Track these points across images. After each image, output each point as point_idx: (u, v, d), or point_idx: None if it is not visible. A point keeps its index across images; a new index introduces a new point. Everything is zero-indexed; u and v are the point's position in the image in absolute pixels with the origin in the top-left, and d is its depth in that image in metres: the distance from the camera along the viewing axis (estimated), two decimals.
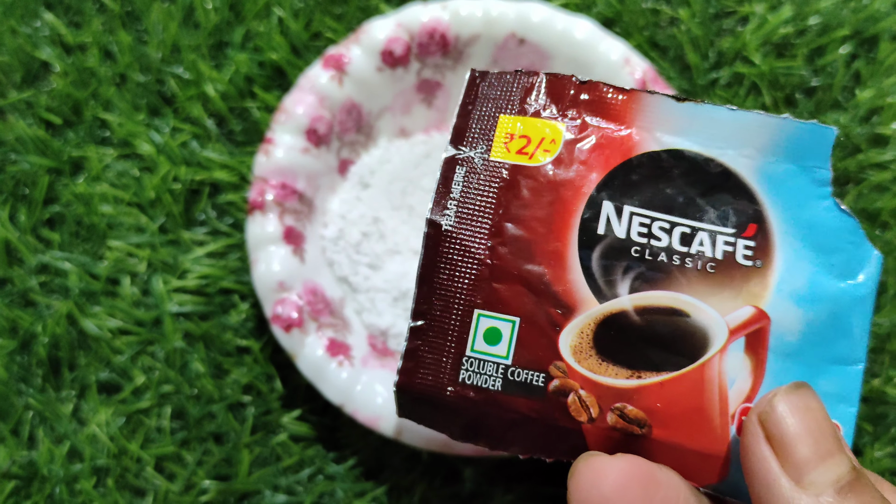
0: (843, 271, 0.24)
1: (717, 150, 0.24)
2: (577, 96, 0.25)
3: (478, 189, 0.25)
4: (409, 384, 0.25)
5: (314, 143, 0.40)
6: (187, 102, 0.45)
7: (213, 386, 0.41)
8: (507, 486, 0.40)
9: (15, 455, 0.41)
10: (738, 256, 0.24)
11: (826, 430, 0.21)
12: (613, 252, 0.24)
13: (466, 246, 0.25)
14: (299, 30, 0.46)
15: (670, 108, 0.25)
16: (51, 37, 0.47)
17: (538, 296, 0.24)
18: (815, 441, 0.21)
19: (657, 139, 0.25)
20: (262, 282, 0.38)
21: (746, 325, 0.23)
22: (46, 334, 0.42)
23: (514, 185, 0.25)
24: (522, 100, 0.26)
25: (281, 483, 0.40)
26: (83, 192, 0.44)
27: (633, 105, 0.25)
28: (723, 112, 0.24)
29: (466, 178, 0.25)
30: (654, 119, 0.25)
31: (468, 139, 0.26)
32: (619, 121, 0.25)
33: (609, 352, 0.24)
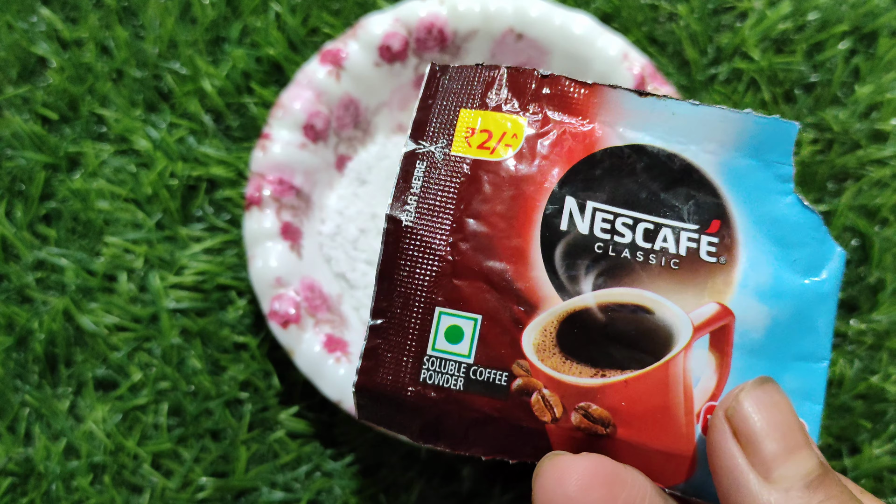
0: (806, 268, 0.23)
1: (679, 146, 0.24)
2: (538, 90, 0.25)
3: (438, 184, 0.25)
4: (369, 384, 0.24)
5: (311, 139, 0.40)
6: (184, 98, 0.45)
7: (211, 382, 0.41)
8: (506, 485, 0.40)
9: (11, 452, 0.41)
10: (702, 253, 0.23)
11: (793, 426, 0.21)
12: (576, 248, 0.24)
13: (427, 242, 0.24)
14: (297, 25, 0.45)
15: (632, 102, 0.24)
16: (47, 32, 0.47)
17: (500, 293, 0.24)
18: (782, 436, 0.20)
19: (619, 134, 0.24)
20: (259, 278, 0.38)
21: (711, 322, 0.23)
22: (43, 331, 0.42)
23: (476, 180, 0.24)
24: (483, 94, 0.25)
25: (278, 480, 0.40)
26: (80, 188, 0.44)
27: (595, 100, 0.25)
28: (685, 107, 0.24)
29: (427, 173, 0.25)
30: (616, 114, 0.25)
31: (428, 133, 0.25)
32: (582, 115, 0.25)
33: (573, 350, 0.24)
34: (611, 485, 0.21)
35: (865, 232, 0.43)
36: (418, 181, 0.25)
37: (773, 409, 0.21)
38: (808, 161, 0.44)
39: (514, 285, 0.24)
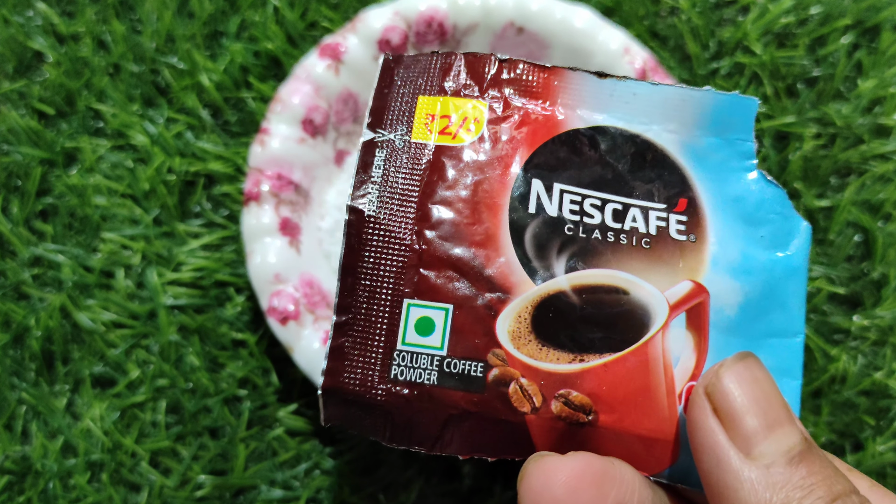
0: (773, 242, 0.23)
1: (641, 126, 0.24)
2: (498, 75, 0.25)
3: (400, 172, 0.24)
4: (336, 385, 0.23)
5: (310, 134, 0.40)
6: (182, 93, 0.45)
7: (209, 380, 0.41)
8: (507, 483, 0.39)
9: (8, 450, 0.40)
10: (672, 231, 0.23)
11: (774, 401, 0.21)
12: (546, 231, 0.23)
13: (391, 231, 0.24)
14: (295, 19, 0.45)
15: (592, 85, 0.24)
16: (43, 26, 0.46)
17: (471, 280, 0.23)
18: (762, 412, 0.20)
19: (581, 116, 0.24)
20: (257, 274, 0.38)
21: (686, 299, 0.23)
22: (39, 328, 0.41)
23: (439, 167, 0.24)
24: (442, 80, 0.25)
25: (277, 478, 0.40)
26: (76, 183, 0.43)
27: (556, 83, 0.25)
28: (645, 87, 0.24)
29: (387, 161, 0.24)
30: (576, 96, 0.24)
31: (387, 122, 0.25)
32: (543, 98, 0.25)
33: (549, 335, 0.23)
34: (599, 484, 0.20)
35: (869, 227, 0.42)
36: (378, 169, 0.24)
37: (754, 385, 0.21)
38: (810, 156, 0.43)
39: (484, 272, 0.23)
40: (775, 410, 0.20)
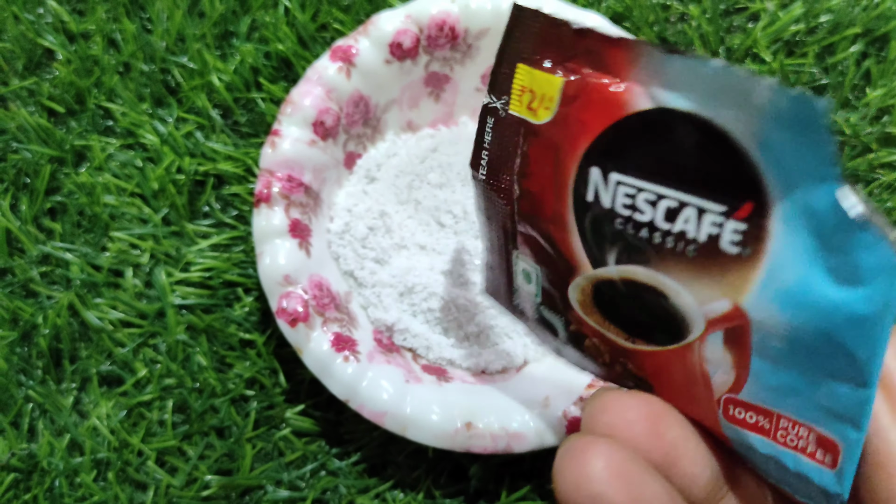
0: (844, 278, 0.18)
1: (713, 111, 0.19)
2: (574, 45, 0.23)
3: (502, 141, 0.25)
4: (488, 291, 0.32)
5: (321, 136, 0.40)
6: (192, 93, 0.45)
7: (216, 379, 0.41)
8: (514, 484, 0.40)
9: (14, 447, 0.40)
10: (724, 242, 0.20)
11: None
12: (600, 221, 0.22)
13: (497, 196, 0.26)
14: (306, 21, 0.45)
15: (660, 60, 0.20)
16: (54, 24, 0.46)
17: (552, 249, 0.25)
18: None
19: (649, 95, 0.21)
20: (267, 275, 0.38)
21: (722, 320, 0.21)
22: (47, 325, 0.41)
23: (526, 142, 0.24)
24: (534, 48, 0.24)
25: (283, 478, 0.40)
26: (86, 182, 0.43)
27: (628, 57, 0.21)
28: (716, 66, 0.19)
29: (494, 128, 0.25)
30: (648, 73, 0.21)
31: (496, 87, 0.25)
32: (614, 74, 0.22)
33: (607, 313, 0.24)
34: (657, 420, 0.21)
35: None
36: (489, 136, 0.25)
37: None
38: None
39: (558, 246, 0.24)
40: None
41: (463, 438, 0.36)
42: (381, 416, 0.36)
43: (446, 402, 0.37)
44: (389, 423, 0.36)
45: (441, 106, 0.44)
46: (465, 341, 0.41)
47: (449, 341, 0.41)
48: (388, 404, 0.36)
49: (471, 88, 0.44)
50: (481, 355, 0.40)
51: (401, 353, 0.40)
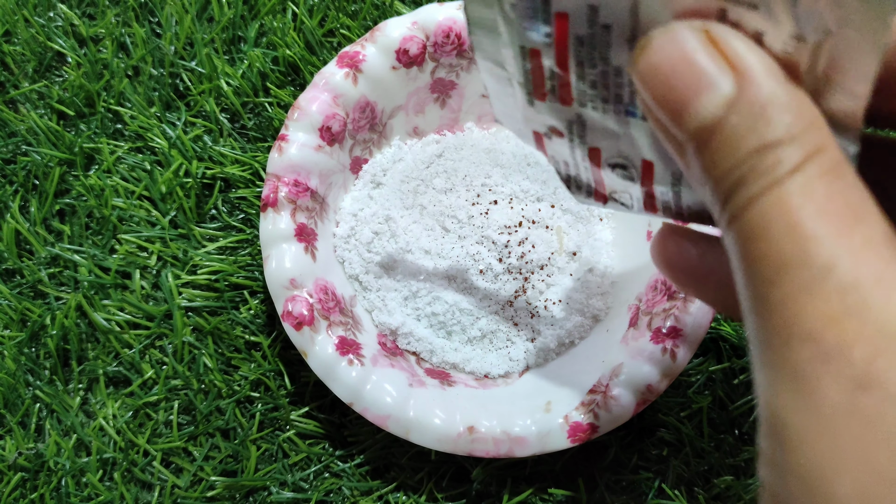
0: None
1: None
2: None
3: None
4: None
5: (328, 141, 0.40)
6: (200, 97, 0.45)
7: (222, 381, 0.41)
8: (516, 488, 0.40)
9: (22, 447, 0.41)
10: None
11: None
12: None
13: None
14: (314, 26, 0.46)
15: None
16: (64, 28, 0.47)
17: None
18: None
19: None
20: (273, 279, 0.38)
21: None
22: (55, 326, 0.42)
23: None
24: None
25: (288, 480, 0.40)
26: (95, 184, 0.44)
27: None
28: None
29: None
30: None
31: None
32: None
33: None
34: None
35: None
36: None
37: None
38: None
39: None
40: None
41: (465, 442, 0.36)
42: (384, 419, 0.37)
43: (449, 406, 0.37)
44: (393, 427, 0.37)
45: (447, 112, 0.44)
46: (468, 345, 0.41)
47: (452, 345, 0.41)
48: (392, 407, 0.37)
49: (476, 95, 0.44)
50: (484, 360, 0.41)
51: (405, 356, 0.41)
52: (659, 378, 0.36)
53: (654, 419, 0.41)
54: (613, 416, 0.36)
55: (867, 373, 0.15)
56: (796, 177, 0.17)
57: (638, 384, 0.36)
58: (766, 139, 0.17)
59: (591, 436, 0.36)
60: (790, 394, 0.16)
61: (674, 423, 0.40)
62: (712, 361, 0.41)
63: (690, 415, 0.40)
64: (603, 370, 0.37)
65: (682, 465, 0.40)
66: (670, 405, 0.41)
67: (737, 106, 0.17)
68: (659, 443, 0.41)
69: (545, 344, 0.41)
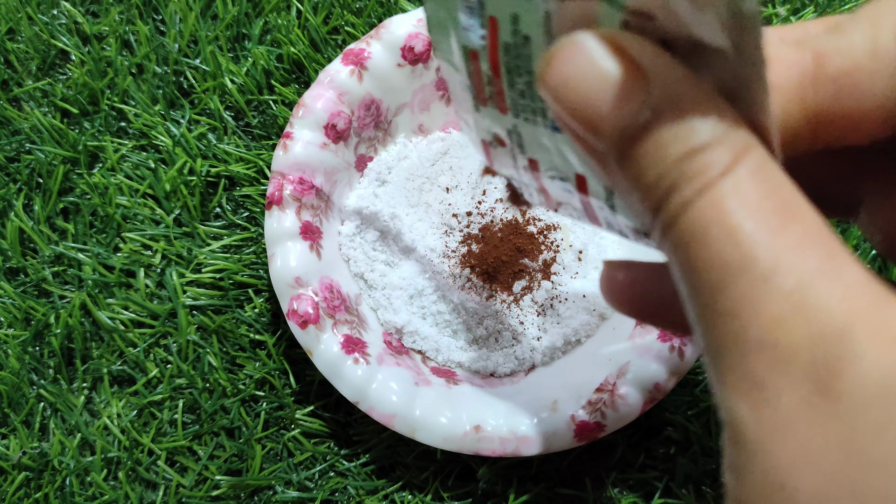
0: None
1: None
2: None
3: None
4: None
5: (333, 139, 0.40)
6: (205, 95, 0.45)
7: (227, 380, 0.41)
8: (522, 487, 0.40)
9: (26, 446, 0.41)
10: None
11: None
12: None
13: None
14: (318, 24, 0.45)
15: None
16: (68, 25, 0.47)
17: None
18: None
19: None
20: (278, 277, 0.38)
21: None
22: (60, 325, 0.42)
23: None
24: None
25: (293, 479, 0.40)
26: (99, 182, 0.44)
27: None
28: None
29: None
30: None
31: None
32: None
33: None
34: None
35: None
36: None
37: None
38: None
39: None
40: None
41: (472, 441, 0.36)
42: (390, 418, 0.37)
43: (455, 405, 0.37)
44: (399, 426, 0.37)
45: (452, 109, 0.44)
46: (473, 344, 0.41)
47: (458, 344, 0.41)
48: (398, 406, 0.37)
49: None
50: (490, 358, 0.41)
51: (410, 355, 0.40)
52: (667, 376, 0.36)
53: (662, 418, 0.40)
54: (620, 415, 0.36)
55: (818, 374, 0.15)
56: (727, 179, 0.16)
57: (645, 382, 0.36)
58: (691, 143, 0.17)
59: (597, 435, 0.36)
60: (746, 400, 0.16)
61: (681, 421, 0.40)
62: None
63: (698, 413, 0.40)
64: (610, 368, 0.37)
65: (689, 464, 0.40)
66: (678, 403, 0.40)
67: (656, 114, 0.17)
68: (666, 441, 0.40)
69: (551, 342, 0.41)
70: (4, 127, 0.45)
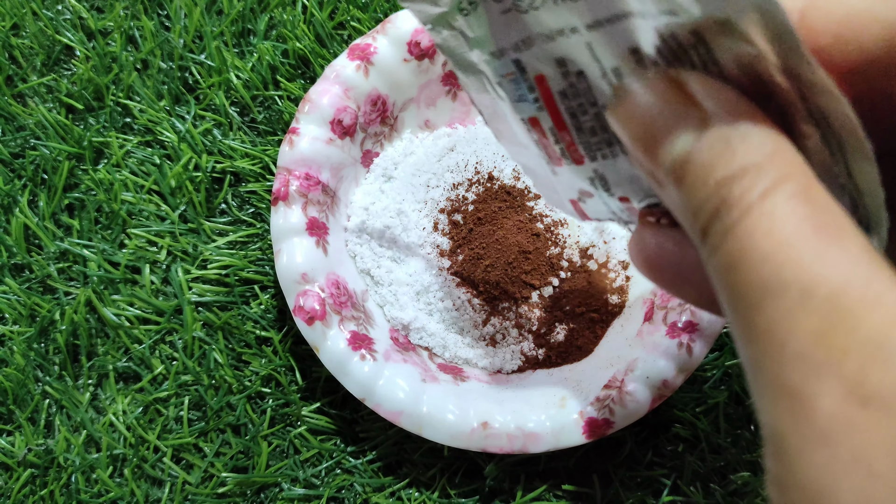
0: None
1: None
2: None
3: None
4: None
5: (339, 134, 0.40)
6: (210, 90, 0.45)
7: (233, 377, 0.41)
8: (529, 484, 0.39)
9: (31, 443, 0.40)
10: None
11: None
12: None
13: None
14: (324, 19, 0.45)
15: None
16: (72, 21, 0.46)
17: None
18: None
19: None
20: (284, 273, 0.38)
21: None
22: (65, 322, 0.41)
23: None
24: None
25: (299, 476, 0.40)
26: (104, 178, 0.43)
27: None
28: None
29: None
30: None
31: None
32: None
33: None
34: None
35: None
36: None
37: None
38: None
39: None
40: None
41: (479, 438, 0.36)
42: (397, 415, 0.36)
43: (462, 402, 0.37)
44: (405, 422, 0.36)
45: (458, 105, 0.44)
46: (480, 341, 0.41)
47: (465, 340, 0.41)
48: (405, 403, 0.36)
49: None
50: (497, 355, 0.40)
51: (417, 351, 0.40)
52: (675, 373, 0.36)
53: (670, 415, 0.40)
54: (629, 412, 0.36)
55: (859, 384, 0.15)
56: (766, 203, 0.17)
57: (653, 379, 0.36)
58: (731, 169, 0.18)
59: (606, 431, 0.36)
60: (787, 412, 0.16)
61: (689, 418, 0.40)
62: (728, 356, 0.40)
63: (706, 410, 0.40)
64: (618, 365, 0.37)
65: (697, 461, 0.39)
66: (686, 400, 0.40)
67: (703, 141, 0.18)
68: (674, 438, 0.40)
69: (559, 339, 0.40)
70: (9, 123, 0.45)
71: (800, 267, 0.16)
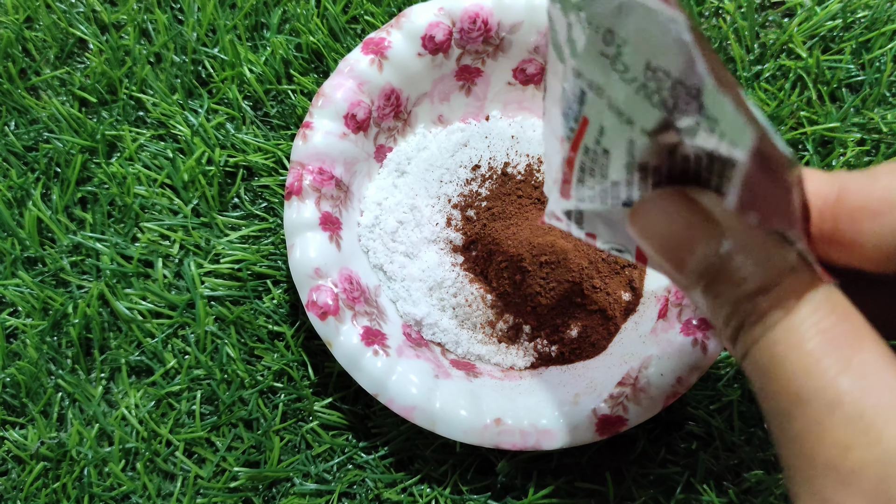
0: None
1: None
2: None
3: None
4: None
5: (352, 129, 0.40)
6: (223, 84, 0.45)
7: (245, 371, 0.41)
8: (541, 481, 0.39)
9: (44, 436, 0.40)
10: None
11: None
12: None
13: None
14: (338, 13, 0.45)
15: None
16: (86, 14, 0.46)
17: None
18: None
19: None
20: (298, 268, 0.38)
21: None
22: (78, 315, 0.41)
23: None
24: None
25: (311, 471, 0.40)
26: (117, 172, 0.43)
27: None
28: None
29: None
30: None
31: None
32: None
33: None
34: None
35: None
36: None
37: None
38: (854, 162, 0.43)
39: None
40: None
41: (492, 434, 0.36)
42: (410, 410, 0.36)
43: (475, 398, 0.37)
44: (418, 418, 0.36)
45: (472, 100, 0.44)
46: (493, 337, 0.41)
47: (478, 337, 0.40)
48: (418, 399, 0.36)
49: (502, 83, 0.43)
50: (510, 351, 0.40)
51: (430, 347, 0.40)
52: (689, 370, 0.36)
53: (683, 412, 0.40)
54: (642, 409, 0.35)
55: (878, 493, 0.17)
56: (792, 317, 0.19)
57: (667, 377, 0.35)
58: (756, 284, 0.20)
59: (619, 429, 0.36)
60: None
61: (703, 416, 0.39)
62: None
63: (720, 408, 0.40)
64: (632, 362, 0.37)
65: (711, 459, 0.39)
66: (699, 398, 0.40)
67: (727, 255, 0.20)
68: (688, 436, 0.40)
69: (573, 336, 0.40)
70: (23, 116, 0.45)
71: (824, 380, 0.18)
